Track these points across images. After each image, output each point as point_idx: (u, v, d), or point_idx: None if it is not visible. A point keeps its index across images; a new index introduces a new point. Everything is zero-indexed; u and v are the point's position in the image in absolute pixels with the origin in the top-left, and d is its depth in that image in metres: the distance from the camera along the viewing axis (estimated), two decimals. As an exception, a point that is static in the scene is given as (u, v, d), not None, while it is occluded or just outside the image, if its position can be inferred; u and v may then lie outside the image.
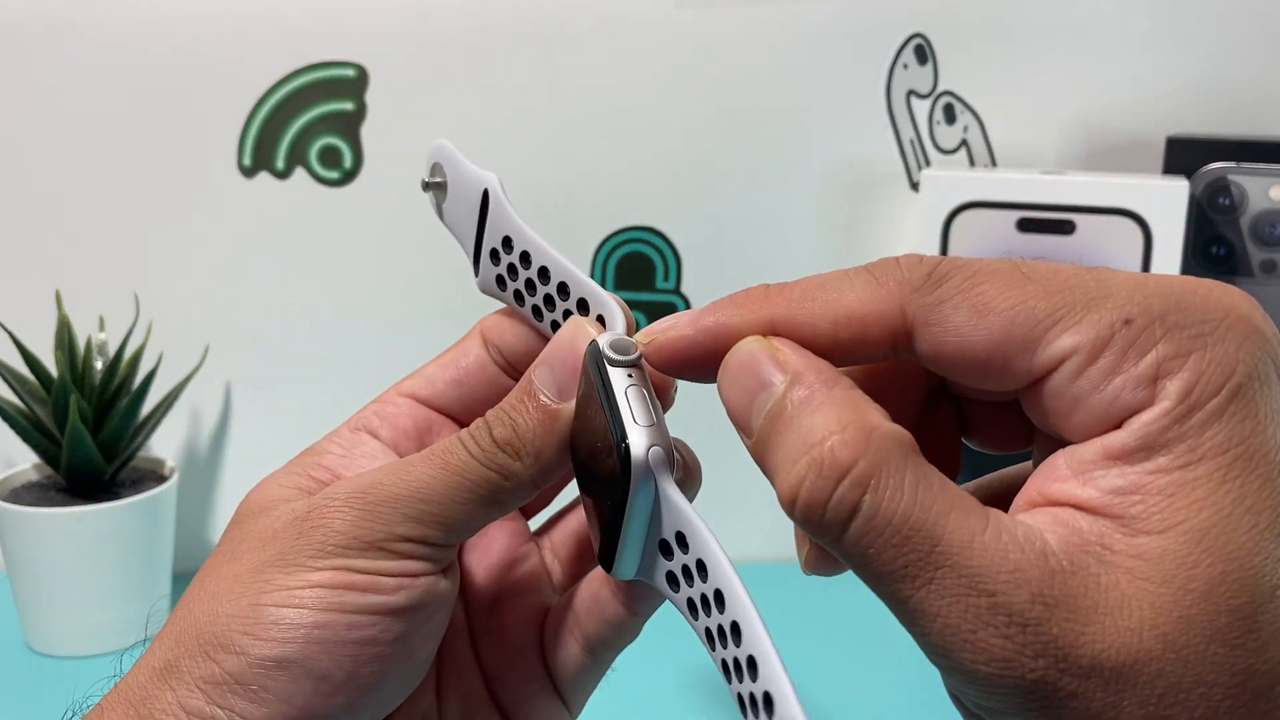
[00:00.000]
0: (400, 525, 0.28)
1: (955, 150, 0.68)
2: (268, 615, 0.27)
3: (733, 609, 0.25)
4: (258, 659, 0.27)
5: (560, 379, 0.29)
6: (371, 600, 0.27)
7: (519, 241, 0.33)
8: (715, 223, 0.68)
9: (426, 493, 0.28)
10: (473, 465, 0.28)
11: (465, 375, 0.33)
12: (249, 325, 0.68)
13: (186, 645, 0.28)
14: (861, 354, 0.23)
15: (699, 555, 0.26)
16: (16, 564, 0.58)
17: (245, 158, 0.66)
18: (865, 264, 0.24)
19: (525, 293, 0.32)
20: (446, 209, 0.34)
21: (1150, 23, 0.66)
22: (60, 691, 0.55)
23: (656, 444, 0.26)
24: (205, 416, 0.69)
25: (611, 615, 0.30)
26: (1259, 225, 0.61)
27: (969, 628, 0.20)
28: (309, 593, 0.27)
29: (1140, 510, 0.20)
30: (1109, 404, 0.20)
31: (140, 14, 0.64)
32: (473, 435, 0.29)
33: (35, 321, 0.62)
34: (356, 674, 0.27)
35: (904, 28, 0.66)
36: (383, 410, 0.33)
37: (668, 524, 0.26)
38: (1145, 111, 0.67)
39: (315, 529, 0.28)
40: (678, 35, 0.66)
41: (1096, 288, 0.21)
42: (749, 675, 0.24)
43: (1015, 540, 0.20)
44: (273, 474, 0.31)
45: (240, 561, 0.28)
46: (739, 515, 0.71)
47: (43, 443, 0.60)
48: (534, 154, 0.67)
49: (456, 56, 0.66)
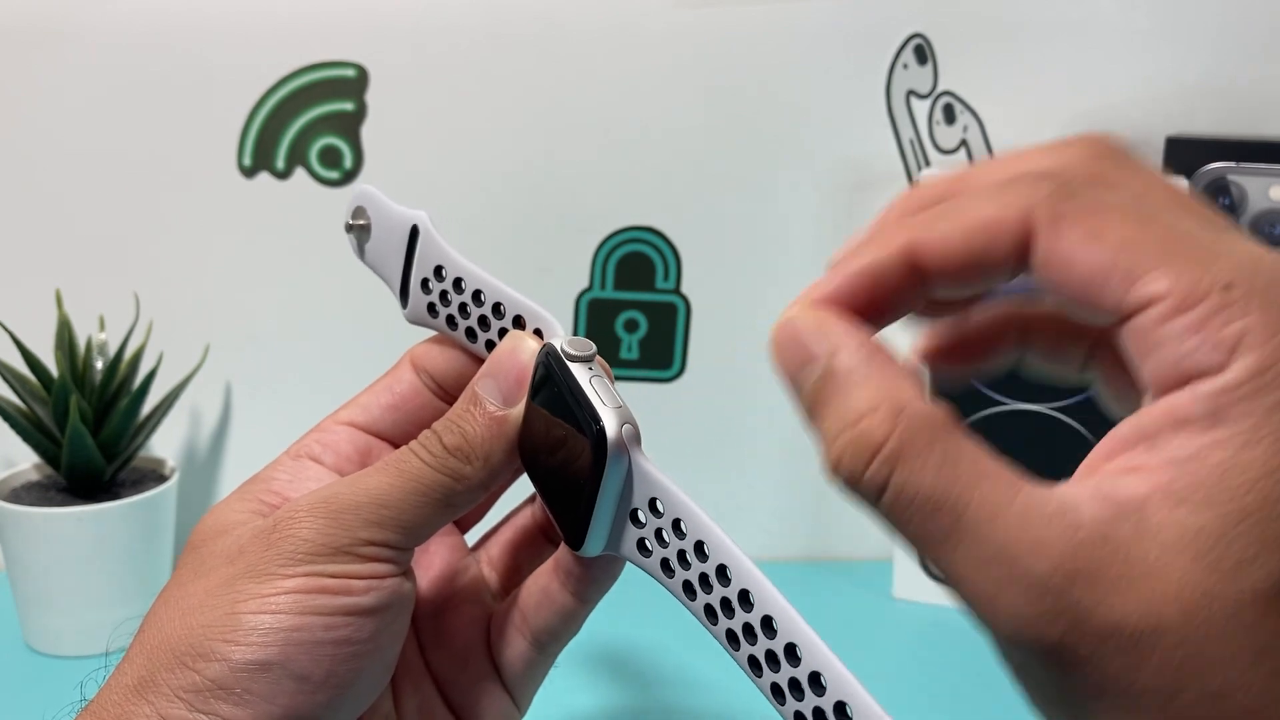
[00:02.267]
0: (363, 530, 0.29)
1: (955, 150, 0.68)
2: (246, 622, 0.28)
3: (717, 554, 0.28)
4: (240, 663, 0.28)
5: (504, 388, 0.32)
6: (344, 602, 0.29)
7: (451, 269, 0.34)
8: (715, 223, 0.68)
9: (385, 499, 0.30)
10: (426, 471, 0.30)
11: (400, 401, 0.35)
12: (249, 325, 0.68)
13: (161, 659, 0.28)
14: (989, 263, 0.23)
15: (675, 515, 0.28)
16: (16, 563, 0.58)
17: (245, 158, 0.66)
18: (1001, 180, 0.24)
19: (459, 316, 0.34)
20: (369, 249, 0.37)
21: (1150, 23, 0.66)
22: (60, 691, 0.56)
23: (627, 421, 0.29)
24: (205, 416, 0.69)
25: (561, 605, 0.33)
26: (1259, 225, 0.61)
27: (991, 592, 0.21)
28: (284, 598, 0.28)
29: (1189, 483, 0.20)
30: (1182, 357, 0.20)
31: (140, 14, 0.64)
32: (424, 444, 0.31)
33: (36, 321, 0.62)
34: (334, 672, 0.29)
35: (904, 28, 0.66)
36: (323, 438, 0.35)
37: (639, 493, 0.29)
38: (1145, 111, 0.67)
39: (283, 539, 0.29)
40: (677, 35, 0.66)
41: (1211, 245, 0.21)
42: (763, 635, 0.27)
43: (1042, 513, 0.21)
44: (223, 501, 0.33)
45: (208, 578, 0.30)
46: (738, 516, 0.71)
47: (43, 442, 0.60)
48: (534, 154, 0.67)
49: (456, 56, 0.66)
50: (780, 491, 0.71)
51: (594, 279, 0.69)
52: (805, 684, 0.26)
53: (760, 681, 0.27)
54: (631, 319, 0.69)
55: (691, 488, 0.29)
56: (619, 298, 0.69)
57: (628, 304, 0.69)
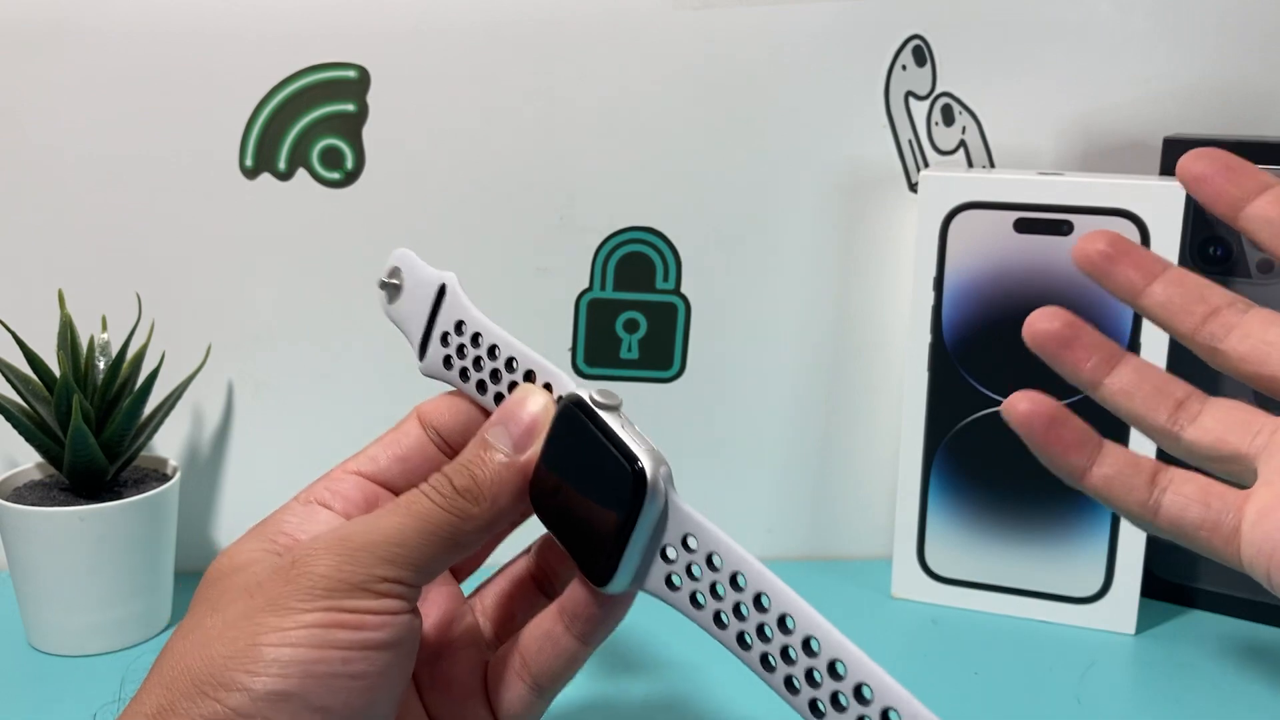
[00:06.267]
0: (378, 567, 0.31)
1: (953, 151, 0.68)
2: (267, 654, 0.29)
3: (755, 583, 0.29)
4: (261, 693, 0.28)
5: (515, 435, 0.33)
6: (361, 636, 0.30)
7: (471, 324, 0.37)
8: (715, 223, 0.68)
9: (399, 538, 0.31)
10: (436, 512, 0.32)
11: (407, 453, 0.37)
12: (251, 325, 0.68)
13: (181, 688, 0.29)
14: None
15: (709, 549, 0.30)
16: (19, 563, 0.59)
17: (247, 159, 0.66)
18: None
19: (472, 369, 0.36)
20: (396, 305, 0.39)
21: (1148, 24, 0.67)
22: (62, 690, 0.56)
23: (662, 463, 0.30)
24: (207, 416, 0.69)
25: (565, 648, 0.34)
26: (1256, 226, 0.61)
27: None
28: (303, 632, 0.29)
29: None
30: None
31: (142, 15, 0.64)
32: (435, 486, 0.33)
33: (38, 321, 0.62)
34: (350, 704, 0.30)
35: (902, 29, 0.67)
36: (332, 485, 0.36)
37: (672, 530, 0.30)
38: (1143, 112, 0.67)
39: (301, 575, 0.30)
40: (677, 35, 0.66)
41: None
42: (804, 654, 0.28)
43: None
44: (237, 541, 0.34)
45: (225, 611, 0.31)
46: (738, 515, 0.71)
47: (45, 442, 0.60)
48: (534, 154, 0.67)
49: (457, 58, 0.66)
50: (779, 491, 0.71)
51: (594, 279, 0.69)
52: (851, 697, 0.27)
53: (797, 700, 0.28)
54: (631, 319, 0.69)
55: (691, 487, 0.30)
56: (619, 298, 0.69)
57: (628, 304, 0.69)
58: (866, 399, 0.71)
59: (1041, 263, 0.60)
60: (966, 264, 0.61)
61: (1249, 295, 0.27)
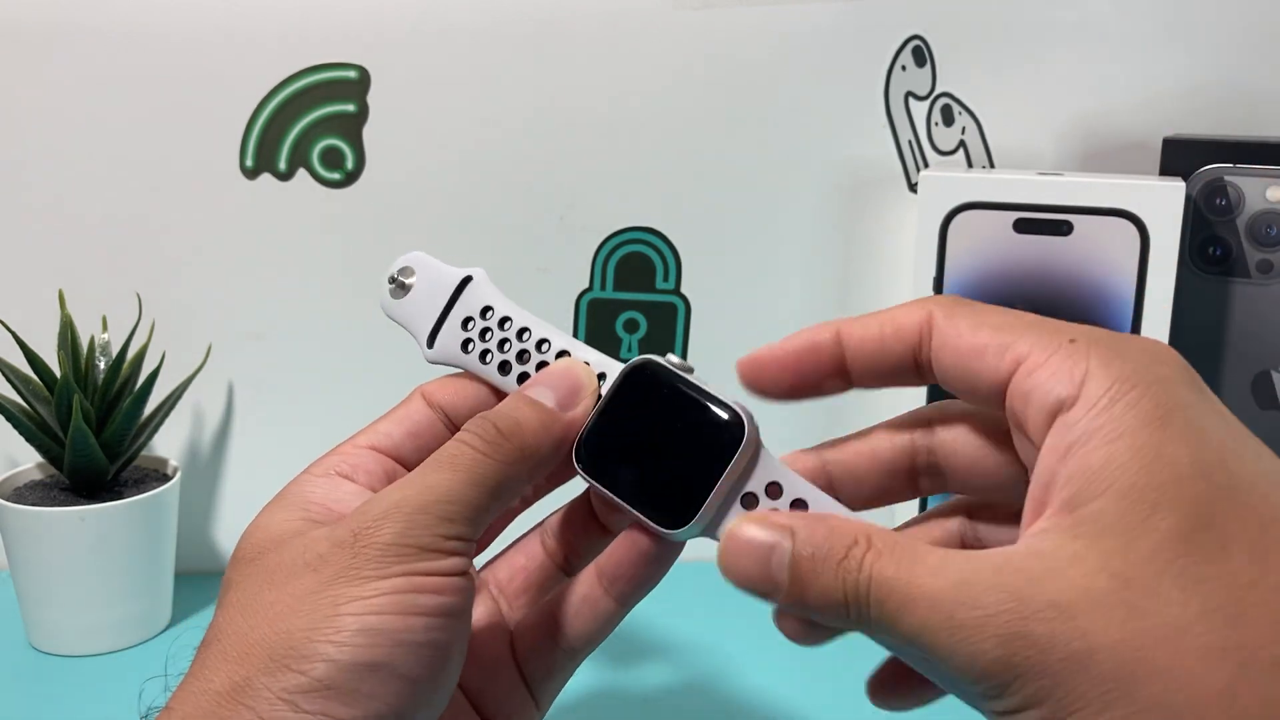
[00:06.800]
0: (439, 527, 0.30)
1: (953, 152, 0.68)
2: (350, 624, 0.29)
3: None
4: (348, 663, 0.28)
5: (560, 395, 0.34)
6: (440, 601, 0.30)
7: (500, 309, 0.37)
8: (715, 223, 0.68)
9: (451, 494, 0.31)
10: (482, 460, 0.32)
11: (418, 429, 0.37)
12: (251, 325, 0.68)
13: (257, 663, 0.29)
14: (899, 348, 0.30)
15: (796, 495, 0.31)
16: (19, 563, 0.59)
17: (248, 159, 0.66)
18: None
19: (495, 351, 0.36)
20: (401, 302, 0.39)
21: (1147, 24, 0.67)
22: (62, 690, 0.56)
23: (751, 415, 0.32)
24: (208, 416, 0.69)
25: (603, 610, 0.34)
26: (1256, 226, 0.61)
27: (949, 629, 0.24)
28: (385, 599, 0.29)
29: (1081, 485, 0.24)
30: (1046, 395, 0.26)
31: (142, 15, 0.64)
32: (476, 433, 0.32)
33: (38, 321, 0.62)
34: (432, 670, 0.30)
35: (902, 29, 0.67)
36: (349, 460, 0.36)
37: (758, 477, 0.31)
38: (1142, 113, 0.67)
39: (367, 546, 0.30)
40: (677, 35, 0.66)
41: (1059, 325, 0.28)
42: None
43: (973, 566, 0.25)
44: (263, 514, 0.34)
45: (291, 585, 0.30)
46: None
47: (46, 442, 0.60)
48: (534, 154, 0.67)
49: (457, 58, 0.66)
50: (779, 491, 0.71)
51: (594, 279, 0.69)
52: None
53: None
54: (631, 319, 0.70)
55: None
56: (619, 298, 0.69)
57: (628, 304, 0.69)
58: (866, 399, 0.71)
59: (1041, 263, 0.60)
60: (966, 264, 0.61)
61: (1249, 295, 0.28)
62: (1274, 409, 0.62)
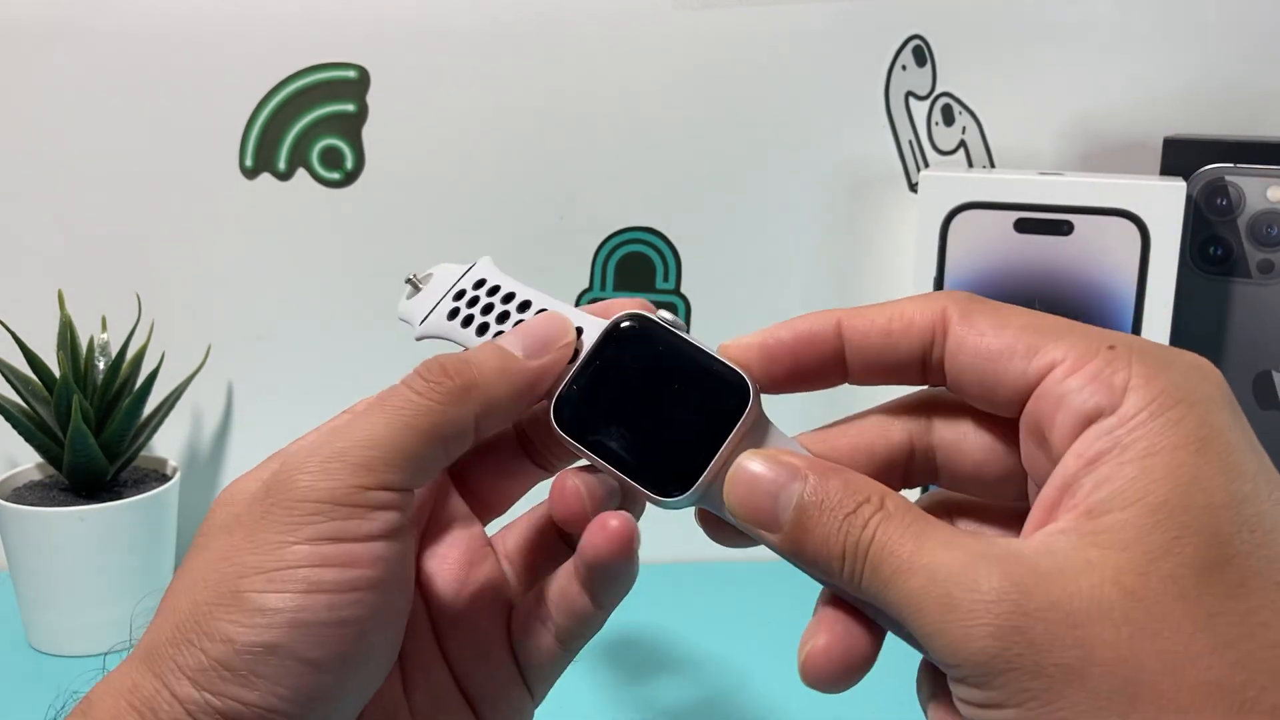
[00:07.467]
0: (358, 476, 0.28)
1: (953, 151, 0.68)
2: (250, 602, 0.27)
3: None
4: (244, 645, 0.27)
5: (527, 344, 0.31)
6: (350, 575, 0.27)
7: (494, 280, 0.36)
8: (715, 223, 0.68)
9: (369, 438, 0.28)
10: (416, 401, 0.29)
11: None
12: (251, 325, 0.68)
13: (167, 633, 0.28)
14: (905, 346, 0.28)
15: None
16: (19, 563, 0.59)
17: (247, 159, 0.66)
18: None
19: (479, 315, 0.35)
20: (413, 300, 0.37)
21: (1147, 24, 0.67)
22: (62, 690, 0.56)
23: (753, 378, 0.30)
24: (207, 416, 0.69)
25: (579, 609, 0.32)
26: (1256, 226, 0.61)
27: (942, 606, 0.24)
28: (285, 573, 0.27)
29: (1107, 494, 0.24)
30: (1084, 403, 0.25)
31: (142, 15, 0.64)
32: (419, 373, 0.30)
33: (38, 322, 0.62)
34: (341, 652, 0.27)
35: (903, 29, 0.67)
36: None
37: (754, 441, 0.29)
38: (1143, 112, 0.67)
39: (276, 503, 0.28)
40: (677, 35, 0.66)
41: (1093, 329, 0.26)
42: None
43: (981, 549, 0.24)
44: (242, 474, 0.32)
45: (209, 550, 0.29)
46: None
47: (45, 442, 0.60)
48: (534, 154, 0.67)
49: (457, 58, 0.66)
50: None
51: (594, 279, 0.69)
52: None
53: None
54: (631, 319, 0.69)
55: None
56: (619, 298, 0.69)
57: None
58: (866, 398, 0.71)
59: (1041, 262, 0.60)
60: (966, 264, 0.61)
61: (1249, 295, 0.27)
62: (1274, 409, 0.62)
